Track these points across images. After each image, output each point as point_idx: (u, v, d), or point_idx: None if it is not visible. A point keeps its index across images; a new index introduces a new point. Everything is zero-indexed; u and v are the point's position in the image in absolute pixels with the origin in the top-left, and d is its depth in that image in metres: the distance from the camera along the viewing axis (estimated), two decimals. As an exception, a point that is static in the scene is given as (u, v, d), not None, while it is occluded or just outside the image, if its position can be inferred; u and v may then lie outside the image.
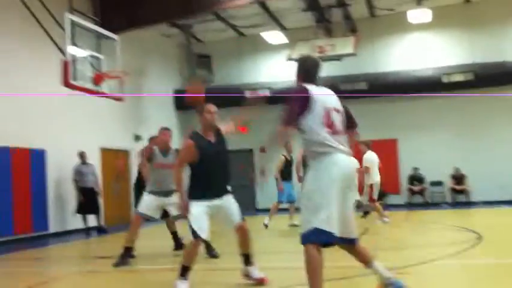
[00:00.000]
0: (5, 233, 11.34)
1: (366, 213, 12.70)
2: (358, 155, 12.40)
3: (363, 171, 11.40)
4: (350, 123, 4.31)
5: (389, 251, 7.68)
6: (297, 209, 11.17)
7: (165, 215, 8.02)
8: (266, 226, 11.27)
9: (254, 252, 5.67)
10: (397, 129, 17.88)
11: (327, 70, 17.82)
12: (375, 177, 11.56)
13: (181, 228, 7.89)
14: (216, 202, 5.53)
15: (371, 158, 11.66)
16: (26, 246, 10.67)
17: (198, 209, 5.40)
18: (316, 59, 4.36)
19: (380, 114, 17.83)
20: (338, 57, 15.87)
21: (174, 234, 8.48)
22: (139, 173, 9.57)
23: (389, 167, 17.58)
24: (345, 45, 15.61)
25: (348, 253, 4.29)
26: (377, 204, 11.60)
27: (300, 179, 11.18)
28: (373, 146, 11.95)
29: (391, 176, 17.28)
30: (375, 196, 11.53)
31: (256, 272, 5.60)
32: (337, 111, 4.12)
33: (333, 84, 19.03)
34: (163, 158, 7.70)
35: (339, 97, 4.27)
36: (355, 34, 16.75)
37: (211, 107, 5.66)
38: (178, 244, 8.43)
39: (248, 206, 17.02)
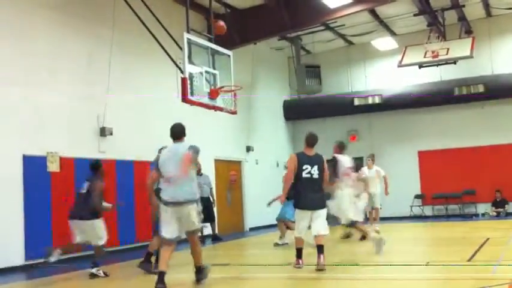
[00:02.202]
0: (129, 241, 12.09)
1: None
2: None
3: None
4: None
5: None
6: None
7: None
8: None
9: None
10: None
11: (440, 74, 17.23)
12: None
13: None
14: None
15: None
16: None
17: None
18: None
19: (499, 117, 16.84)
20: (454, 61, 15.26)
21: None
22: None
23: (509, 174, 16.53)
24: (460, 48, 14.97)
25: None
26: None
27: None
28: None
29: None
30: None
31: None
32: None
33: (448, 88, 18.33)
34: None
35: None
36: (470, 36, 16.05)
37: None
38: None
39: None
